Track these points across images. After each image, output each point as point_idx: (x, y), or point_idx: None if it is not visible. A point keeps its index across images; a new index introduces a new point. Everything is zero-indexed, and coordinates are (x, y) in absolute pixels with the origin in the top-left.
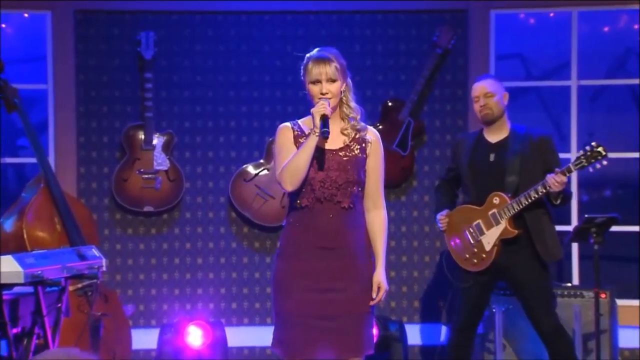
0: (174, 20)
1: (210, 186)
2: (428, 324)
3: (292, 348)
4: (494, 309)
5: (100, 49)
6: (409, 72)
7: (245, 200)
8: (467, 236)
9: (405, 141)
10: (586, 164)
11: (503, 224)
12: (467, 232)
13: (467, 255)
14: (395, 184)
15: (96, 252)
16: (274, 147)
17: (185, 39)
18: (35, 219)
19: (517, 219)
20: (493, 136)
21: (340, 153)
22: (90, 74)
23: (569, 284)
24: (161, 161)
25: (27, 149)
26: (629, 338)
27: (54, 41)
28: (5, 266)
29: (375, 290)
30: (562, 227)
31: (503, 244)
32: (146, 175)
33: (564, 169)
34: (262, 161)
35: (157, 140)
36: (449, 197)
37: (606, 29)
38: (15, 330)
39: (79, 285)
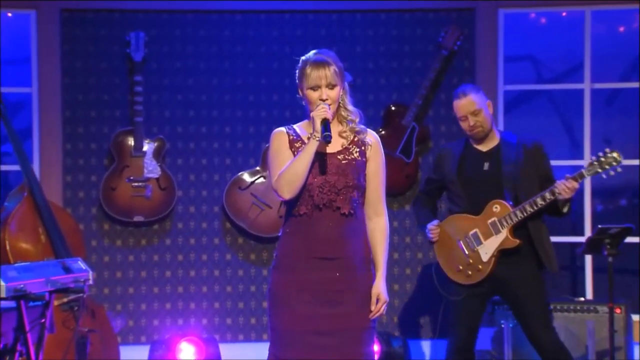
0: (165, 19)
1: (203, 195)
2: (433, 340)
3: None
4: (502, 325)
5: (87, 50)
6: (413, 75)
7: (240, 209)
8: (461, 246)
9: (410, 147)
10: (600, 171)
11: (504, 233)
12: (461, 243)
13: (460, 267)
14: (399, 192)
15: (82, 264)
16: (269, 153)
17: (177, 40)
18: (19, 229)
19: (516, 229)
20: (483, 145)
21: (339, 156)
22: (77, 76)
23: (582, 299)
24: (152, 168)
25: (10, 156)
26: None
27: (38, 42)
28: None
29: (374, 302)
30: (574, 239)
31: (501, 254)
32: (136, 184)
33: (576, 175)
34: (258, 168)
35: (148, 146)
36: (430, 208)
37: (621, 28)
38: None
39: (64, 300)
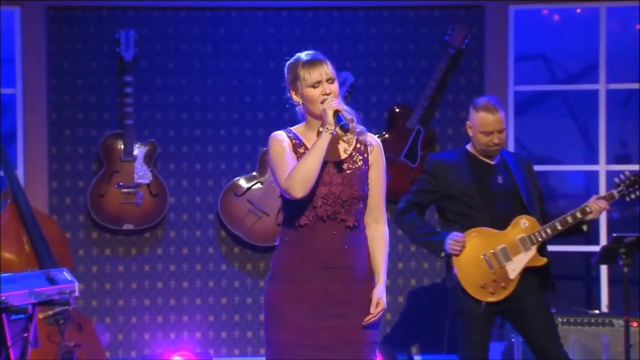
0: (157, 17)
1: (197, 202)
2: (440, 355)
3: None
4: (512, 339)
5: (75, 49)
6: (419, 75)
7: (236, 217)
8: (487, 262)
9: (415, 151)
10: (626, 194)
11: (533, 251)
12: (487, 258)
13: (482, 283)
14: None
15: (68, 275)
16: (269, 156)
17: (170, 38)
18: (1, 238)
19: (540, 247)
20: (488, 158)
21: (344, 165)
22: (63, 77)
23: (597, 312)
24: (143, 174)
25: None
26: None
27: (23, 40)
28: None
29: (374, 305)
30: (589, 248)
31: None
32: (126, 190)
33: (607, 195)
34: (255, 174)
35: (138, 150)
36: (423, 219)
37: (638, 26)
38: None
39: (49, 313)
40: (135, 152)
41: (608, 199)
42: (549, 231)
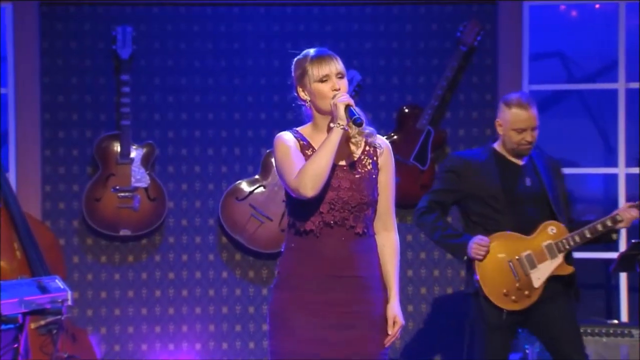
0: (155, 13)
1: (197, 206)
2: None
3: None
4: (527, 350)
5: (69, 47)
6: (429, 74)
7: (237, 222)
8: (512, 268)
9: (425, 154)
10: None
11: (559, 259)
12: (511, 264)
13: (505, 291)
14: (413, 203)
15: (60, 283)
16: (276, 157)
17: (169, 35)
18: None
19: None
20: (517, 159)
21: (352, 169)
22: (57, 75)
23: (616, 321)
24: (140, 177)
25: None
26: None
27: (15, 38)
28: None
29: (390, 325)
30: (608, 254)
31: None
32: (122, 194)
33: (638, 204)
34: (257, 177)
35: (136, 152)
36: (446, 220)
37: None
38: None
39: (41, 323)
40: (133, 155)
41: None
42: (577, 239)
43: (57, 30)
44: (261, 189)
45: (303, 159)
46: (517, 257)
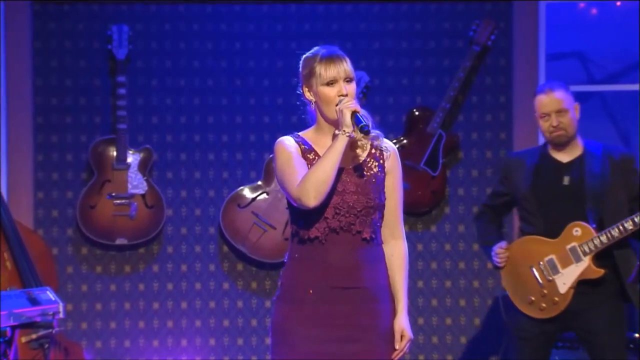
0: (152, 12)
1: (197, 214)
2: None
3: None
4: None
5: (63, 47)
6: (440, 75)
7: (239, 230)
8: (534, 274)
9: (436, 159)
10: None
11: (586, 262)
12: (534, 270)
13: (532, 299)
14: (424, 210)
15: (51, 295)
16: (276, 164)
17: (167, 35)
18: None
19: (601, 256)
20: (563, 155)
21: (357, 172)
22: (50, 77)
23: (637, 335)
24: (137, 183)
25: None
26: None
27: (6, 38)
28: None
29: (398, 340)
30: None
31: (580, 285)
32: (119, 201)
33: None
34: (260, 183)
35: (132, 157)
36: (496, 225)
37: None
38: None
39: (33, 337)
40: (129, 160)
41: None
42: (603, 239)
43: (50, 30)
44: (264, 195)
45: (305, 165)
46: (540, 263)
